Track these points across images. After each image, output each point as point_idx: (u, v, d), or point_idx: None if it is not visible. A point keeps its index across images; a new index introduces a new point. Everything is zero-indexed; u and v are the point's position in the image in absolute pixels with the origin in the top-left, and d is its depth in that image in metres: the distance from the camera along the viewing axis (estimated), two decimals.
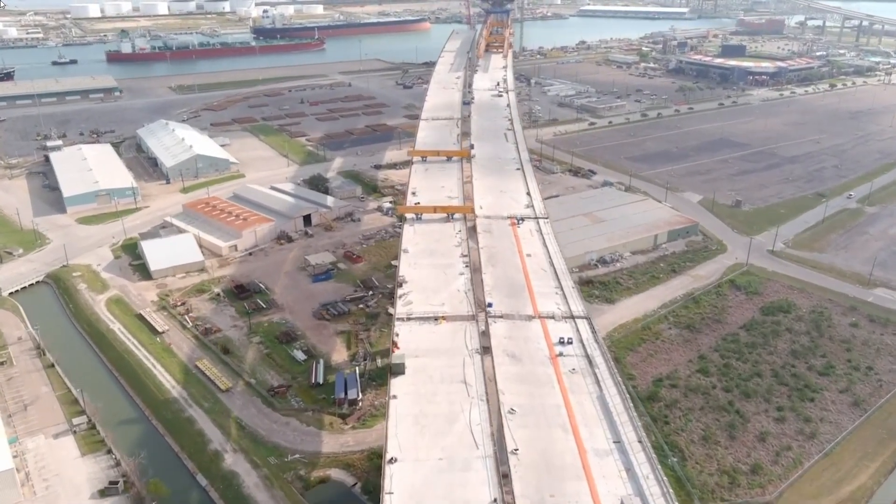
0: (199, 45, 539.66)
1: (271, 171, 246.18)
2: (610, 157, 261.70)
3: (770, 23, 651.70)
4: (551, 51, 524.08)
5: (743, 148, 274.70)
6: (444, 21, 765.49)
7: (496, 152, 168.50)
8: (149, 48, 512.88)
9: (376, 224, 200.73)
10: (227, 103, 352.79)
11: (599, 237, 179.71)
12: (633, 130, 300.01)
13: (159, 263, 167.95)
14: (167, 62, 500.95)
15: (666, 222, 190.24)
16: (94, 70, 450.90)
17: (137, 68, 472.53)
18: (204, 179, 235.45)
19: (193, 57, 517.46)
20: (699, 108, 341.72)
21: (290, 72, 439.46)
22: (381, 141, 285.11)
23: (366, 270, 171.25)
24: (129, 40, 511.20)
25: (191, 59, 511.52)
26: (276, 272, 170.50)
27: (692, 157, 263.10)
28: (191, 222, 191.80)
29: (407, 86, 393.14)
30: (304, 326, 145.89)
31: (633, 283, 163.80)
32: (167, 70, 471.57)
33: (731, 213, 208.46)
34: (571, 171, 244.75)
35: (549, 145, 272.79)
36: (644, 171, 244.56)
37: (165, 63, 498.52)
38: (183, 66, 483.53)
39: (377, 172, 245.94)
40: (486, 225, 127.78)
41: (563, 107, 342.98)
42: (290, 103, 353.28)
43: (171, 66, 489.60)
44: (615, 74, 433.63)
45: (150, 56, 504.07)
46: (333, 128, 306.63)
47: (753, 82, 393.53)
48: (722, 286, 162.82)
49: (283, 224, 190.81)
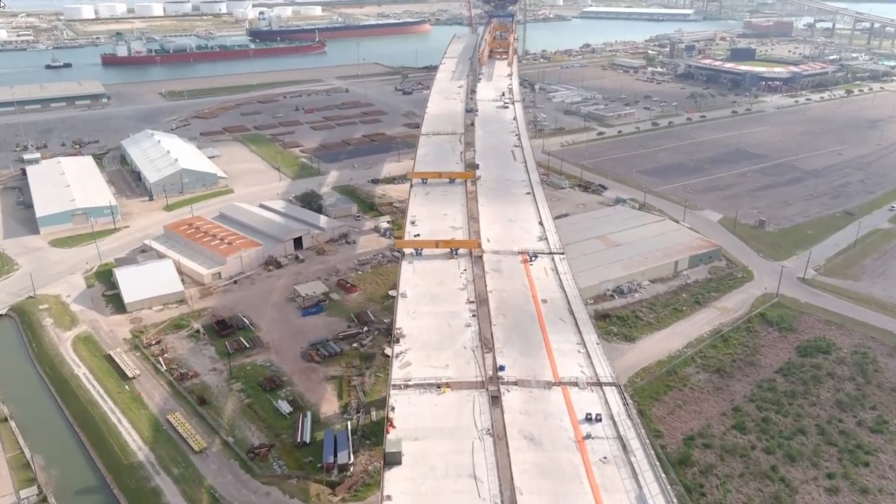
0: (197, 48, 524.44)
1: (262, 186, 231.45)
2: (621, 171, 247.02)
3: (778, 25, 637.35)
4: (555, 54, 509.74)
5: (761, 160, 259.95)
6: (444, 23, 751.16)
7: (503, 173, 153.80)
8: (145, 51, 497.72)
9: (373, 246, 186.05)
10: (219, 110, 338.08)
11: (615, 264, 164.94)
12: (644, 140, 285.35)
13: (135, 294, 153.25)
14: (164, 66, 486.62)
15: (686, 246, 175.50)
16: (88, 74, 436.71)
17: (133, 72, 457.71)
18: (190, 195, 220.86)
19: (191, 60, 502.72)
20: (712, 115, 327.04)
21: (285, 77, 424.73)
22: (379, 152, 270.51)
23: (360, 302, 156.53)
24: (124, 43, 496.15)
25: (188, 63, 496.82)
26: (262, 304, 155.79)
27: (708, 171, 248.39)
28: (172, 246, 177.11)
29: (406, 91, 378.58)
30: (291, 370, 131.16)
31: (655, 318, 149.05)
32: (164, 74, 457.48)
33: (754, 234, 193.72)
34: (581, 187, 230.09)
35: (556, 157, 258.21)
36: (658, 187, 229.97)
37: (162, 66, 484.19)
38: (180, 70, 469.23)
39: (374, 187, 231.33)
40: (495, 262, 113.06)
41: (570, 114, 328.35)
42: (284, 111, 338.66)
43: (168, 69, 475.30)
44: (622, 79, 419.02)
45: (147, 59, 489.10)
46: (329, 137, 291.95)
47: (766, 88, 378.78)
48: (752, 321, 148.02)
49: (271, 248, 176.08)
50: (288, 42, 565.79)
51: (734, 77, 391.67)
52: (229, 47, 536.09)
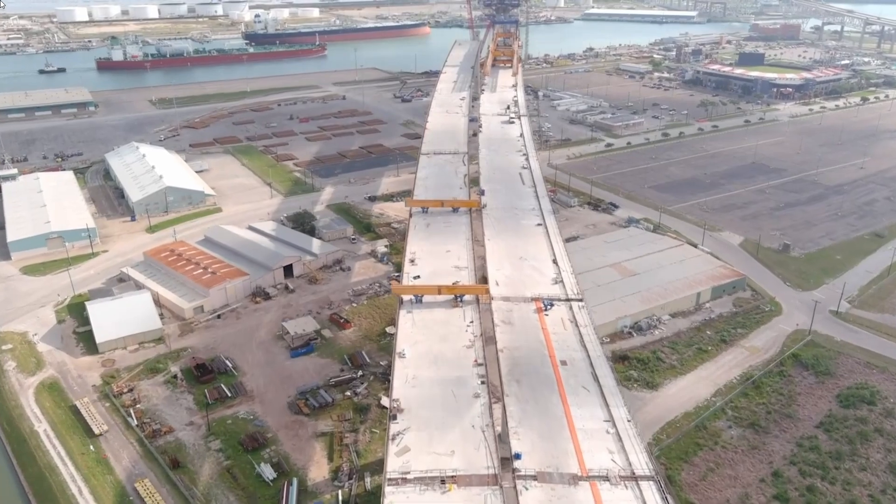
0: (195, 51, 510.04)
1: (252, 205, 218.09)
2: (632, 186, 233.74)
3: (785, 28, 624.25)
4: (558, 59, 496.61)
5: (779, 174, 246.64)
6: (444, 25, 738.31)
7: (511, 200, 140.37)
8: (141, 55, 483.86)
9: (369, 274, 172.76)
10: (210, 119, 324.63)
11: (632, 297, 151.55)
12: (655, 153, 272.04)
13: (108, 333, 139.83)
14: (160, 70, 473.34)
15: (708, 276, 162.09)
16: (83, 79, 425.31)
17: (129, 77, 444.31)
18: (175, 215, 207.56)
19: (188, 65, 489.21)
20: (724, 125, 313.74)
21: (280, 83, 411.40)
22: (377, 165, 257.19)
23: (355, 340, 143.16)
24: (120, 47, 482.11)
25: (185, 67, 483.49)
26: (247, 342, 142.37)
27: (724, 186, 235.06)
28: (152, 275, 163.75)
29: (405, 99, 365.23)
30: (277, 424, 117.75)
31: (678, 360, 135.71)
32: (160, 79, 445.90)
33: (779, 259, 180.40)
34: (590, 204, 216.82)
35: (563, 171, 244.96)
36: (672, 204, 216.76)
37: (158, 71, 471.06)
38: (177, 75, 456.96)
39: (371, 205, 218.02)
40: (506, 311, 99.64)
41: (575, 124, 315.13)
42: (278, 119, 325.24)
43: (165, 74, 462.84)
44: (628, 85, 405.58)
45: (143, 64, 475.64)
46: (325, 149, 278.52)
47: (778, 95, 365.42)
48: (785, 364, 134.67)
49: (259, 277, 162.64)
50: (288, 45, 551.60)
51: (745, 84, 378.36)
52: (227, 51, 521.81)
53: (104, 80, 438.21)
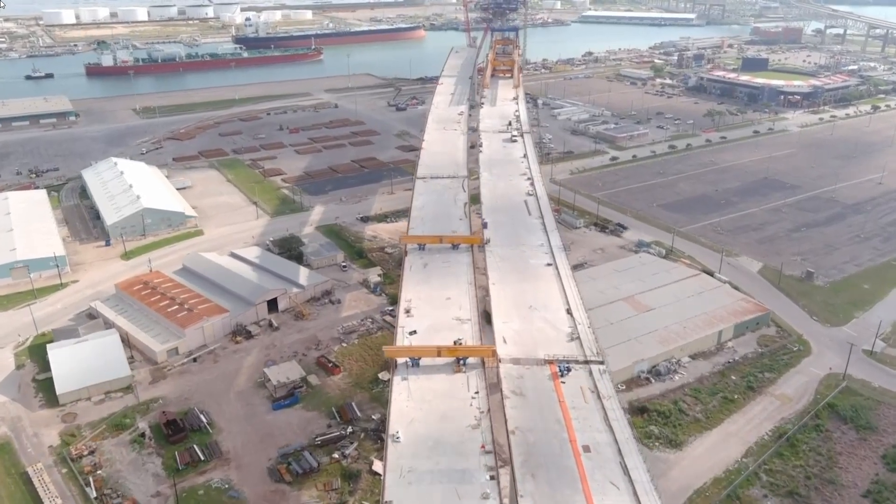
0: (187, 56, 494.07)
1: (236, 226, 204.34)
2: (640, 205, 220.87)
3: (787, 31, 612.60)
4: (556, 64, 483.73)
5: (794, 191, 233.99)
6: (439, 28, 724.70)
7: (517, 233, 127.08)
8: (131, 60, 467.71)
9: (360, 307, 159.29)
10: (196, 130, 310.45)
11: (649, 337, 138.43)
12: (662, 167, 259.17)
13: (70, 382, 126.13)
14: (152, 76, 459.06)
15: (730, 311, 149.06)
16: (71, 85, 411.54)
17: (119, 83, 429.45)
18: (153, 239, 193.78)
19: (180, 70, 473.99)
20: (732, 136, 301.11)
21: (271, 90, 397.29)
22: (370, 181, 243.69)
23: (344, 388, 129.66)
24: (110, 52, 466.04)
25: (177, 73, 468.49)
26: (224, 391, 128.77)
27: (737, 205, 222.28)
28: (123, 310, 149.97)
29: (400, 108, 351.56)
30: (254, 495, 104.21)
31: (702, 411, 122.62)
32: (152, 85, 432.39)
33: (802, 289, 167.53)
34: (597, 226, 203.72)
35: (567, 188, 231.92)
36: (684, 226, 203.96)
37: (150, 77, 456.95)
38: (169, 81, 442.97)
39: (364, 227, 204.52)
40: (516, 378, 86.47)
41: (577, 135, 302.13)
42: (266, 130, 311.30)
43: (156, 80, 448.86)
44: (629, 93, 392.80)
45: (134, 69, 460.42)
46: (315, 163, 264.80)
47: (786, 103, 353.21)
48: (820, 415, 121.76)
49: (240, 313, 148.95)
50: (283, 50, 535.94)
51: (751, 91, 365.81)
52: (221, 56, 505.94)
53: (93, 87, 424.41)
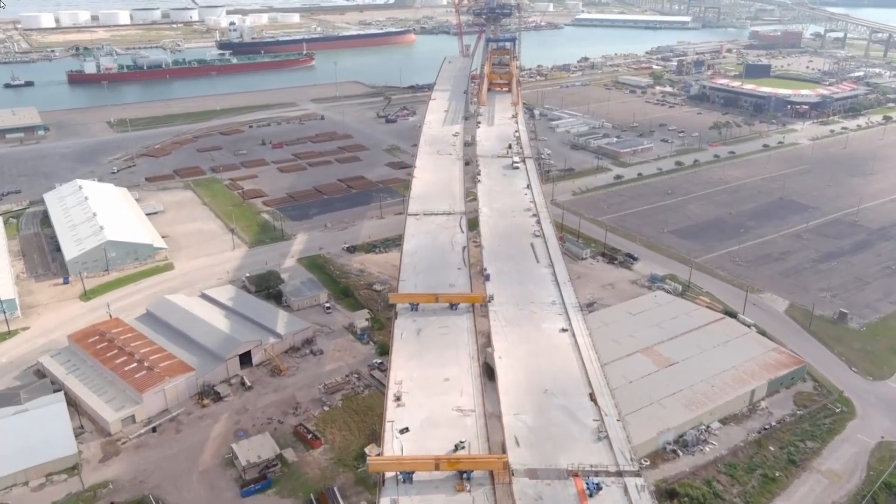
0: (174, 63, 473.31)
1: (210, 258, 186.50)
2: (650, 231, 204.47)
3: (786, 35, 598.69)
4: (552, 71, 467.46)
5: (812, 213, 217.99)
6: (430, 32, 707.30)
7: (524, 287, 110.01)
8: (115, 67, 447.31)
9: (346, 358, 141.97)
10: (172, 146, 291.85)
11: (673, 399, 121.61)
12: (670, 186, 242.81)
13: (5, 465, 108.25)
14: (137, 84, 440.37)
15: (761, 364, 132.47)
16: (52, 94, 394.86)
17: (103, 91, 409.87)
18: (117, 275, 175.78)
19: (167, 77, 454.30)
20: (740, 150, 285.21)
21: (254, 100, 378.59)
22: (358, 204, 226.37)
23: (325, 467, 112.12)
24: (92, 59, 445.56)
25: (163, 80, 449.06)
26: (187, 471, 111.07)
27: (753, 230, 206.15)
28: (75, 368, 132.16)
29: (390, 119, 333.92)
30: None
31: (740, 494, 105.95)
32: (137, 92, 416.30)
33: (836, 333, 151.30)
34: (605, 256, 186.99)
35: (570, 211, 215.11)
36: (698, 255, 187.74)
37: (135, 85, 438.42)
38: (155, 89, 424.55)
39: (350, 259, 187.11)
40: (533, 500, 69.41)
41: (578, 149, 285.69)
42: (248, 145, 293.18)
43: (142, 87, 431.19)
44: (629, 101, 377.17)
45: (118, 76, 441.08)
46: (299, 183, 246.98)
47: (793, 113, 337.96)
48: (877, 498, 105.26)
49: (208, 371, 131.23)
50: (273, 55, 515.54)
51: (757, 101, 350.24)
52: (209, 62, 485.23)
53: (76, 95, 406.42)
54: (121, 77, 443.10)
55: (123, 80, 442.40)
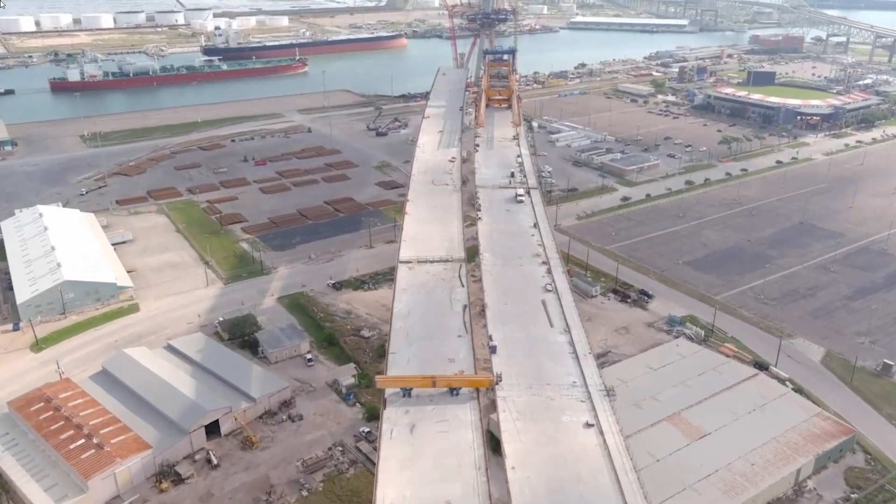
0: (162, 70, 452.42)
1: (181, 297, 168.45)
2: (663, 261, 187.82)
3: (787, 40, 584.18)
4: (549, 78, 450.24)
5: (837, 241, 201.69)
6: (422, 36, 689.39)
7: (538, 362, 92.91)
8: (100, 75, 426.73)
9: (328, 425, 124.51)
10: (148, 163, 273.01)
11: (708, 483, 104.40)
12: (681, 208, 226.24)
13: None
14: (123, 91, 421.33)
15: (805, 434, 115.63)
16: (34, 103, 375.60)
17: (87, 100, 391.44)
18: (75, 319, 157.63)
19: (154, 84, 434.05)
20: (752, 167, 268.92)
21: (238, 110, 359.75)
22: (345, 230, 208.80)
23: None
24: (76, 66, 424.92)
25: (151, 88, 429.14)
26: None
27: (775, 260, 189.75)
28: (13, 443, 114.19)
29: (380, 132, 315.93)
30: None
31: None
32: (123, 101, 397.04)
33: (882, 389, 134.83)
34: (616, 293, 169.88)
35: (576, 239, 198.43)
36: (719, 291, 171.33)
37: (121, 92, 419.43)
38: (142, 97, 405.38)
39: (337, 297, 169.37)
40: None
41: (580, 166, 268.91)
42: (229, 161, 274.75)
43: (128, 96, 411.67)
44: (630, 112, 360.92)
45: (103, 84, 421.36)
46: (282, 205, 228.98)
47: (804, 125, 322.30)
48: None
49: (169, 445, 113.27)
50: (265, 62, 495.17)
51: (765, 112, 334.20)
52: (198, 69, 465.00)
53: (59, 104, 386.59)
54: (106, 85, 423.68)
55: (109, 87, 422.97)
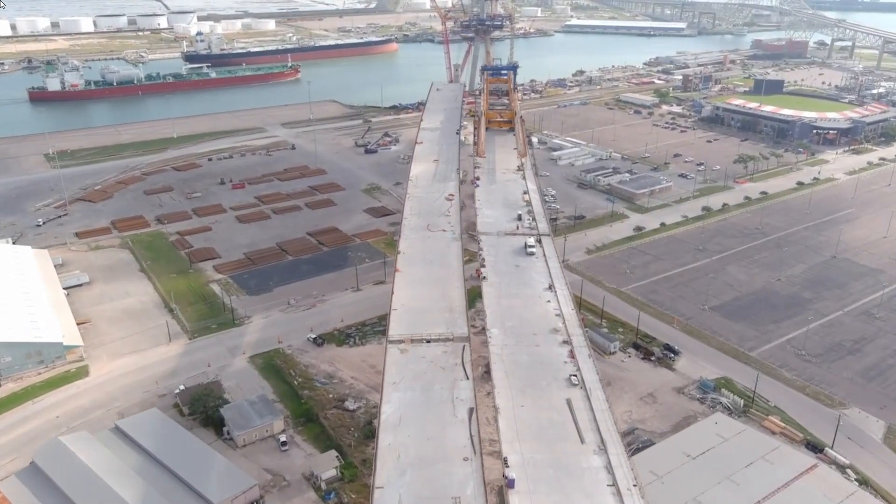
0: (147, 78, 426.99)
1: (138, 358, 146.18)
2: (686, 307, 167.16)
3: (791, 45, 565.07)
4: (547, 87, 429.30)
5: (877, 279, 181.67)
6: (413, 40, 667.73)
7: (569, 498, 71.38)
8: (82, 84, 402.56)
9: None
10: (116, 186, 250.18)
11: None
12: (700, 239, 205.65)
13: None
14: (106, 102, 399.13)
15: None
16: (12, 114, 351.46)
17: (68, 111, 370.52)
18: (13, 388, 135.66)
19: (139, 93, 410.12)
20: (772, 188, 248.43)
21: (218, 124, 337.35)
22: (329, 268, 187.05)
23: None
24: (56, 74, 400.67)
25: (136, 97, 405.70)
26: None
27: (811, 304, 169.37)
28: None
29: (370, 149, 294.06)
30: None
31: None
32: (106, 112, 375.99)
33: None
34: (638, 349, 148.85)
35: (588, 279, 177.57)
36: (753, 345, 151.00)
37: (105, 102, 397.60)
38: (125, 108, 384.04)
39: (318, 355, 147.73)
40: None
41: (585, 188, 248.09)
42: (204, 184, 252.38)
43: (112, 107, 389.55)
44: (635, 125, 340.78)
45: (85, 94, 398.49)
46: (260, 237, 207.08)
47: (822, 140, 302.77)
48: None
49: None
50: (255, 69, 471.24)
51: (779, 125, 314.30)
52: (185, 76, 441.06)
53: (38, 116, 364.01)
54: (88, 94, 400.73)
55: (91, 97, 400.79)
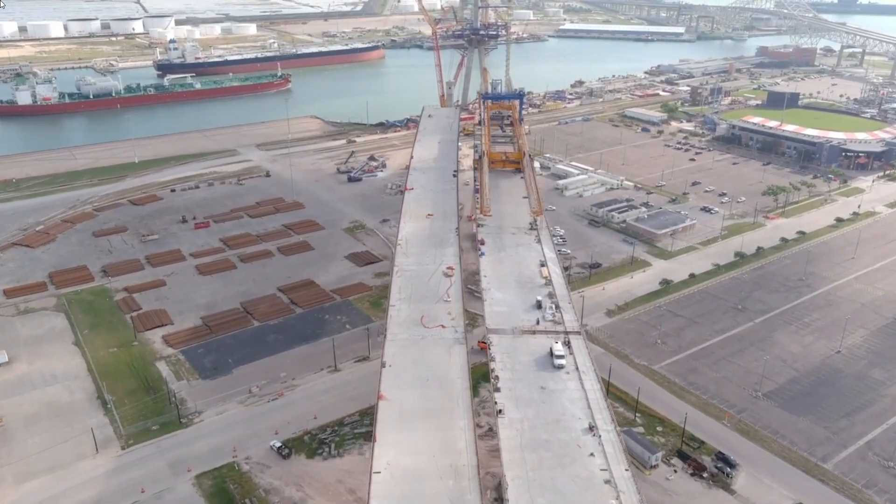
0: (126, 90, 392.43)
1: (51, 481, 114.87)
2: (734, 392, 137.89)
3: (798, 52, 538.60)
4: (545, 100, 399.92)
5: None
6: (400, 45, 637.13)
7: None
8: (55, 97, 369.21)
9: None
10: (61, 226, 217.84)
11: None
12: (736, 294, 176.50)
13: None
14: (82, 116, 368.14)
15: None
16: None
17: (39, 127, 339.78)
18: None
19: (118, 107, 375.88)
20: (809, 226, 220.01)
21: (186, 146, 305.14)
22: (302, 338, 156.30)
23: None
24: (27, 87, 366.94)
25: (114, 111, 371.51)
26: None
27: (885, 386, 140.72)
28: None
29: (353, 178, 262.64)
30: None
31: None
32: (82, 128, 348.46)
33: None
34: (686, 461, 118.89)
35: (612, 351, 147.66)
36: (827, 453, 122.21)
37: (80, 117, 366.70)
38: (103, 123, 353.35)
39: (284, 471, 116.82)
40: None
41: (596, 225, 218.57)
42: (164, 222, 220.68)
43: (88, 121, 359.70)
44: (644, 145, 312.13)
45: (59, 108, 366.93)
46: (222, 293, 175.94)
47: (852, 164, 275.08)
48: None
49: None
50: (243, 79, 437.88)
51: (804, 148, 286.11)
52: (168, 89, 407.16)
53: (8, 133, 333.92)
54: (62, 109, 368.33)
55: (65, 111, 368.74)
